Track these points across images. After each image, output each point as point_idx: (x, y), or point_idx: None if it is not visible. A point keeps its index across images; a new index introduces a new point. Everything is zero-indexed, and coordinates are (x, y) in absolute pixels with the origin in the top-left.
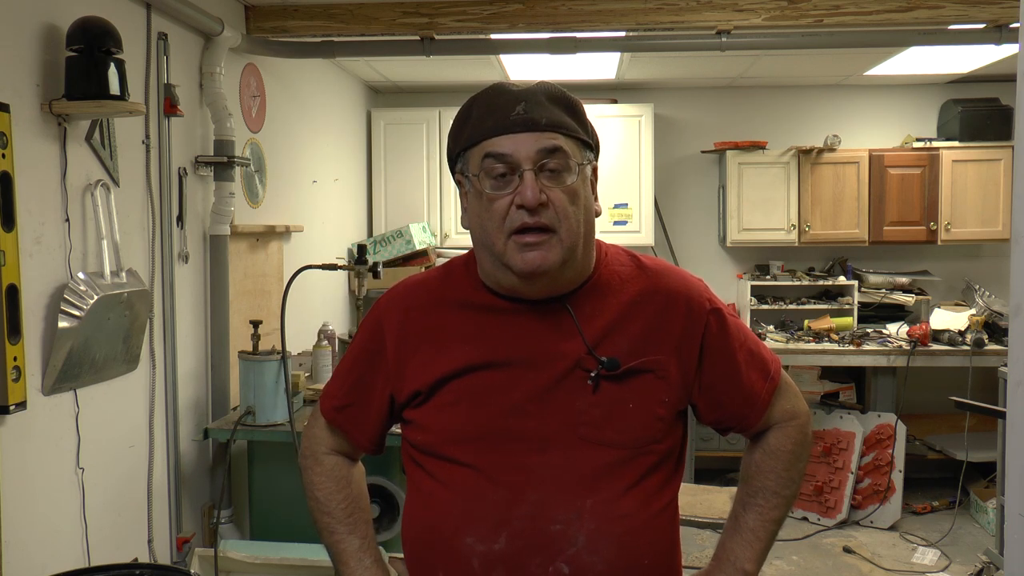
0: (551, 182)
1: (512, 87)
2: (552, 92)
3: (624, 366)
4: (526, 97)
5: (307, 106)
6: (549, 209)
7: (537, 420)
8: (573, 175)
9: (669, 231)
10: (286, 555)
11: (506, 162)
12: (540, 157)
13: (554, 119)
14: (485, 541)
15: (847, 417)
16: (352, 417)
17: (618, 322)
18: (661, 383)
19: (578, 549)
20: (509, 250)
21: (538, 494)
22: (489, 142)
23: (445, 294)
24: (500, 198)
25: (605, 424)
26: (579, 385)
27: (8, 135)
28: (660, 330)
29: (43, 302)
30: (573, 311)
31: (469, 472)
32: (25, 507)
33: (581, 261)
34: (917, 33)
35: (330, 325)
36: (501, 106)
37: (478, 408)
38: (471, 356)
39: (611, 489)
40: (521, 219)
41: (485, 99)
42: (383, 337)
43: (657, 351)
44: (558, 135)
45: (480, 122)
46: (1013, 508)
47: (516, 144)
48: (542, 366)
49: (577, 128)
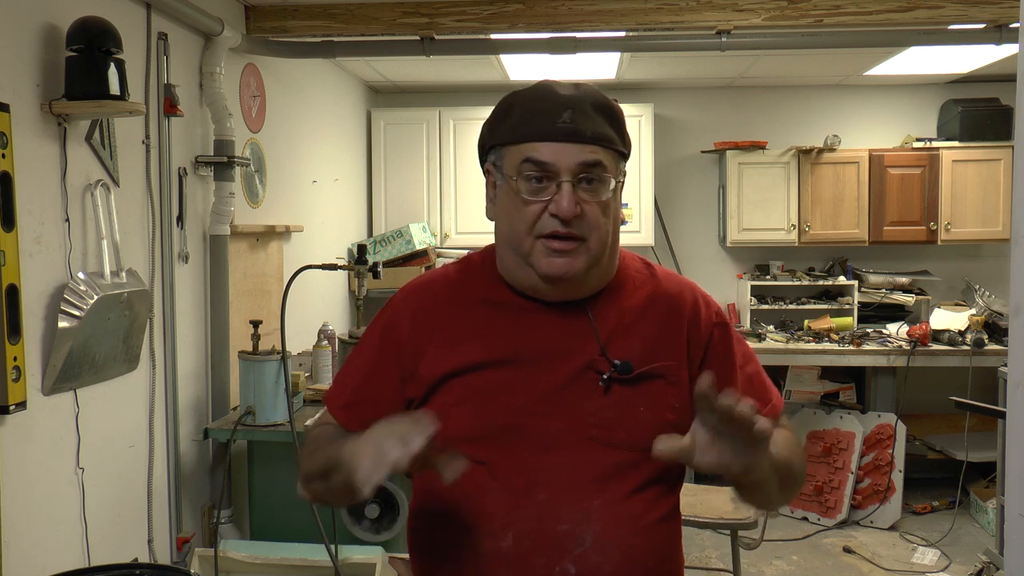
0: (588, 195)
1: (559, 90)
2: (598, 101)
3: (636, 370)
4: (574, 105)
5: (307, 106)
6: (583, 220)
7: (546, 420)
8: (609, 189)
9: (669, 231)
10: (286, 555)
11: (546, 170)
12: (580, 170)
13: (599, 132)
14: (492, 539)
15: (847, 417)
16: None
17: (630, 325)
18: (672, 389)
19: (585, 550)
20: (536, 251)
21: (546, 494)
22: (531, 146)
23: (462, 290)
24: (535, 203)
25: (615, 426)
26: (590, 386)
27: (8, 135)
28: (670, 336)
29: (43, 302)
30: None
31: (477, 469)
32: (25, 507)
33: (605, 268)
34: (917, 33)
35: (330, 325)
36: (547, 111)
37: (486, 407)
38: (482, 353)
39: (619, 491)
40: (553, 227)
41: (531, 98)
42: (397, 332)
43: (668, 356)
44: (599, 149)
45: (523, 122)
46: (1013, 508)
47: (558, 154)
48: (553, 366)
49: (618, 141)
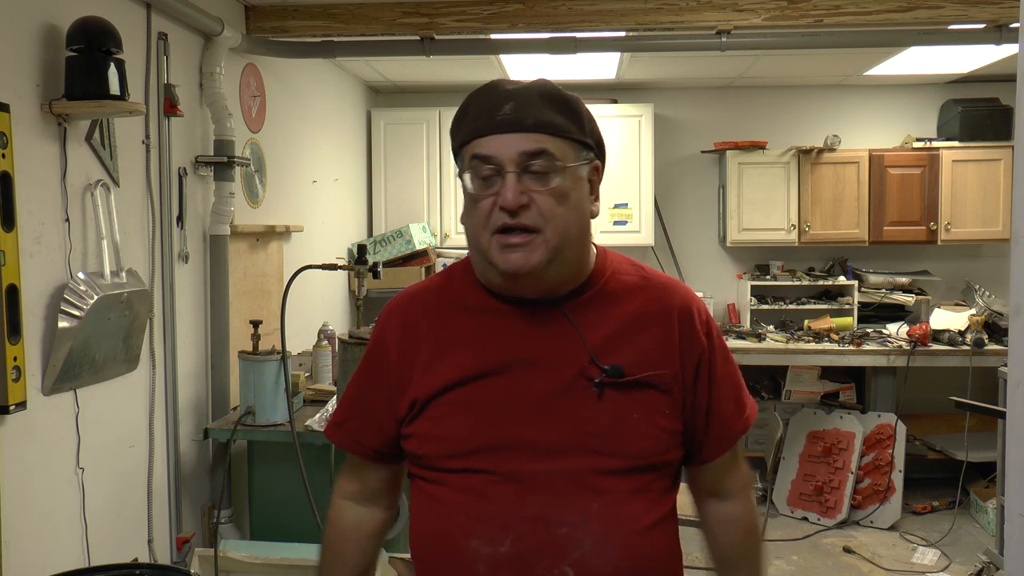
0: (536, 184)
1: (505, 85)
2: (546, 90)
3: (629, 376)
4: (516, 96)
5: (307, 106)
6: (532, 210)
7: (542, 428)
8: (560, 177)
9: (669, 231)
10: (286, 555)
11: (491, 163)
12: (524, 159)
13: (543, 119)
14: (491, 544)
15: (847, 417)
16: (352, 431)
17: (623, 333)
18: (665, 397)
19: (584, 552)
20: (493, 248)
21: (544, 498)
22: (476, 142)
23: (446, 298)
24: (485, 198)
25: (611, 434)
26: (584, 393)
27: (8, 135)
28: (663, 346)
29: (43, 302)
30: (573, 317)
31: (475, 476)
32: (25, 507)
33: (573, 262)
34: (917, 33)
35: (330, 325)
36: (490, 105)
37: (480, 420)
38: (472, 365)
39: (616, 494)
40: (502, 220)
41: (479, 97)
42: (385, 347)
43: (661, 366)
44: (545, 136)
45: (472, 121)
46: (1013, 508)
47: (500, 145)
48: (544, 372)
49: (570, 128)
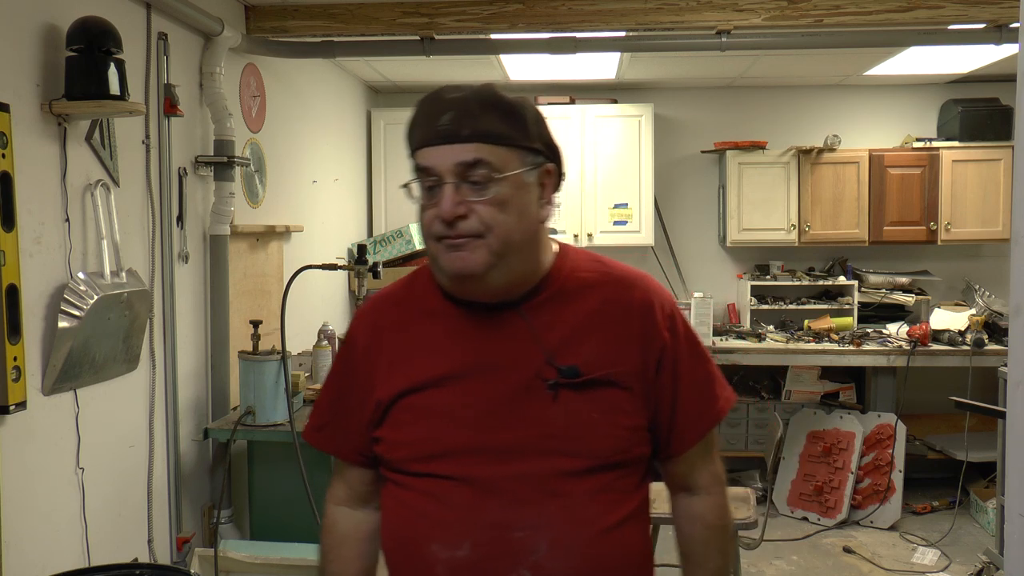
0: (475, 194)
1: (447, 94)
2: (487, 98)
3: (586, 376)
4: (455, 106)
5: (307, 106)
6: (471, 219)
7: (499, 432)
8: (499, 186)
9: (669, 231)
10: (286, 555)
11: (431, 175)
12: (460, 170)
13: (479, 129)
14: (450, 548)
15: (847, 417)
16: (331, 435)
17: (579, 331)
18: (626, 395)
19: (540, 556)
20: (438, 252)
21: (502, 501)
22: (419, 153)
23: (408, 303)
24: (429, 207)
25: (569, 435)
26: (540, 395)
27: (8, 135)
28: (623, 342)
29: (43, 302)
30: (530, 318)
31: (435, 481)
32: (25, 507)
33: (520, 266)
34: (917, 33)
35: (330, 325)
36: (431, 115)
37: (439, 424)
38: (431, 370)
39: (577, 495)
40: (441, 230)
41: (423, 106)
42: (354, 354)
43: (621, 363)
44: (483, 146)
45: (414, 132)
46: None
47: (439, 157)
48: (501, 375)
49: (511, 135)
